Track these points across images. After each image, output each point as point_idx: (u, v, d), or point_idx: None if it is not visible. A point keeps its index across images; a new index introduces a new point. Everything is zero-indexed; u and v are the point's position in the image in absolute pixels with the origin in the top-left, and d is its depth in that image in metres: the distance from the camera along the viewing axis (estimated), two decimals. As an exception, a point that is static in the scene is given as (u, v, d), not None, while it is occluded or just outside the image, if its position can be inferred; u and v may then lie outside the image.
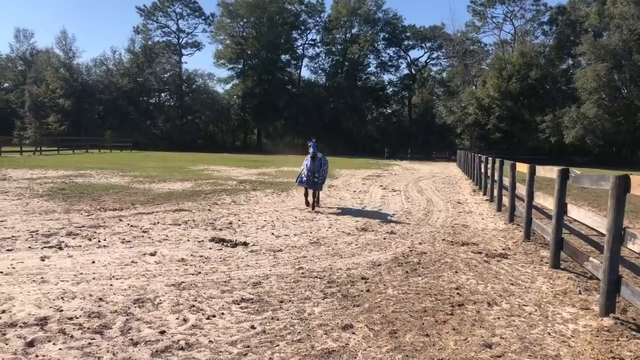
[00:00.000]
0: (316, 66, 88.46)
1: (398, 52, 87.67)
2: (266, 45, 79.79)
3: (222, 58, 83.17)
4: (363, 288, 6.82)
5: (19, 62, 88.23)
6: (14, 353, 4.49)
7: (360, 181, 24.76)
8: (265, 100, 77.98)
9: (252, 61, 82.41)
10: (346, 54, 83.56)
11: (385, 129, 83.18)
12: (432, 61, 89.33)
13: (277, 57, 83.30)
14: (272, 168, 31.86)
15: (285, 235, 10.42)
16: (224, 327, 5.31)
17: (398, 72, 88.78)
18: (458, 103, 74.19)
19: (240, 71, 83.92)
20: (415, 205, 16.04)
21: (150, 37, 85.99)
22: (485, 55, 79.47)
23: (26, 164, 29.32)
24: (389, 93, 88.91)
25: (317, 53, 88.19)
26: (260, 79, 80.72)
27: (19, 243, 8.88)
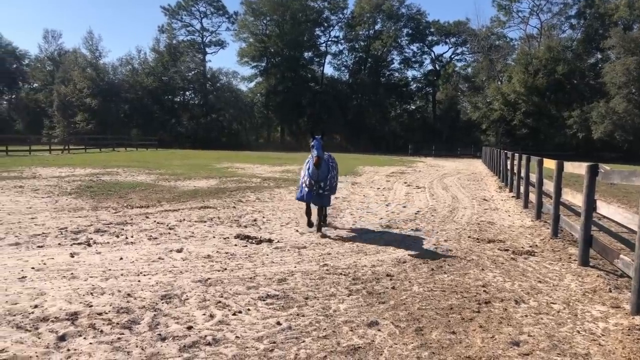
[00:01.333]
0: (339, 63, 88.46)
1: (422, 47, 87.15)
2: (289, 43, 79.95)
3: (245, 56, 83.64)
4: (388, 285, 6.80)
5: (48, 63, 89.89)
6: (46, 347, 4.59)
7: (384, 178, 24.67)
8: (288, 98, 78.21)
9: (275, 59, 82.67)
10: (369, 51, 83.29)
11: (409, 125, 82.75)
12: (457, 57, 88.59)
13: (300, 55, 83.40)
14: (295, 165, 31.93)
15: (309, 232, 10.43)
16: (250, 323, 5.34)
17: (422, 68, 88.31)
18: (483, 99, 73.40)
19: (263, 69, 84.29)
20: (440, 202, 15.92)
21: (175, 36, 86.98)
22: (511, 50, 78.46)
23: (55, 163, 29.89)
24: (413, 89, 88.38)
25: (340, 50, 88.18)
26: (283, 77, 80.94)
27: (49, 240, 9.07)
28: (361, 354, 4.64)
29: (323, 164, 9.90)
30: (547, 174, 12.82)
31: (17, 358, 4.34)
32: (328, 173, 10.11)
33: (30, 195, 14.92)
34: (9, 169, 24.20)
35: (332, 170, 10.41)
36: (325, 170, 10.02)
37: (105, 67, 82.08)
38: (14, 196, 14.56)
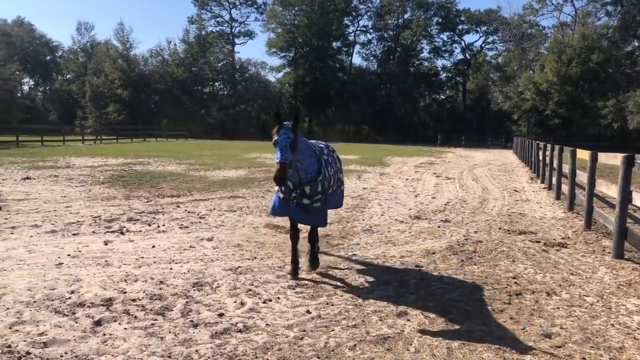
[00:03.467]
0: (368, 53, 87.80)
1: (452, 36, 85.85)
2: (317, 32, 79.66)
3: (274, 47, 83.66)
4: (417, 276, 6.79)
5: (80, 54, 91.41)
6: (83, 331, 4.73)
7: (413, 169, 24.51)
8: (316, 88, 78.07)
9: (304, 49, 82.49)
10: (398, 40, 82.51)
11: (439, 115, 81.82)
12: (488, 46, 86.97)
13: (328, 45, 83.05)
14: (324, 156, 31.88)
15: (337, 222, 10.45)
16: (280, 311, 5.40)
17: (452, 57, 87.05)
18: (515, 88, 71.98)
19: (291, 59, 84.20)
20: (470, 193, 15.76)
21: (204, 27, 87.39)
22: (544, 39, 76.71)
23: (88, 152, 30.51)
24: (443, 79, 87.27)
25: (368, 39, 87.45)
26: (311, 67, 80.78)
27: (83, 228, 9.29)
28: (390, 344, 4.65)
29: (307, 162, 6.30)
30: (580, 165, 12.57)
31: (56, 341, 4.48)
32: (318, 173, 6.44)
33: (64, 184, 15.28)
34: (44, 158, 24.81)
35: (327, 168, 6.69)
36: (312, 168, 6.37)
37: (136, 58, 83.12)
38: (49, 185, 14.93)
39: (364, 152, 37.41)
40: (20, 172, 18.23)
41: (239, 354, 4.36)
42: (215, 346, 4.49)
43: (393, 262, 7.48)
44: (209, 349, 4.42)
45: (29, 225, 9.36)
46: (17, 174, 17.42)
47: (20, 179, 16.24)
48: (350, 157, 30.84)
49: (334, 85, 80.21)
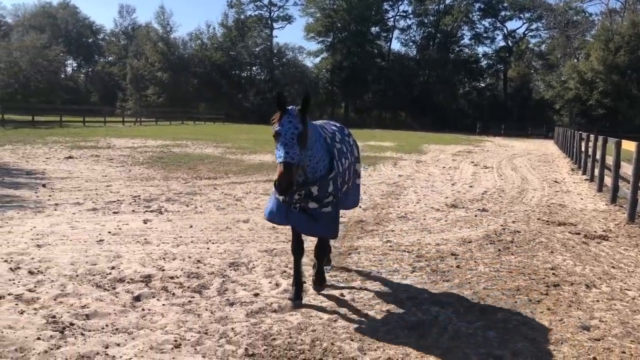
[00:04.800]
0: (407, 38, 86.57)
1: (494, 23, 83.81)
2: (356, 17, 78.91)
3: (312, 31, 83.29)
4: (453, 264, 6.73)
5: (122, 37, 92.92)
6: (123, 305, 4.87)
7: (450, 157, 24.20)
8: (353, 74, 77.50)
9: (342, 34, 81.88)
10: (439, 26, 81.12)
11: (478, 103, 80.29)
12: (531, 33, 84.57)
13: (366, 30, 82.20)
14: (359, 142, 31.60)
15: (372, 208, 10.42)
16: (314, 293, 5.44)
17: (493, 44, 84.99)
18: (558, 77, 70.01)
19: (329, 44, 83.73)
20: (508, 183, 15.48)
21: (243, 10, 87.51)
22: (590, 26, 74.22)
23: (128, 134, 31.13)
24: (483, 66, 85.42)
25: (408, 25, 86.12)
26: (349, 52, 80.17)
27: (123, 206, 9.52)
28: (424, 330, 4.64)
29: (316, 156, 4.80)
30: (624, 157, 12.20)
31: (98, 314, 4.62)
32: (330, 170, 4.93)
33: (105, 164, 15.66)
34: (86, 139, 25.44)
35: (340, 160, 5.18)
36: (321, 164, 4.87)
37: (176, 41, 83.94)
38: (90, 165, 15.32)
39: (400, 139, 37.12)
40: (63, 151, 18.75)
41: (273, 333, 4.42)
42: (250, 325, 4.56)
43: (428, 249, 7.43)
44: (244, 327, 4.49)
45: (72, 202, 9.64)
46: (61, 153, 17.93)
47: (63, 158, 16.72)
48: (386, 144, 30.66)
49: (372, 71, 79.48)
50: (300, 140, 4.37)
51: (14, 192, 10.40)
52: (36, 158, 16.46)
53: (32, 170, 13.64)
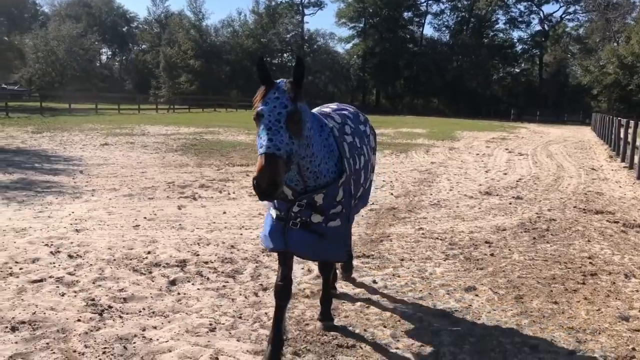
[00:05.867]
0: (440, 23, 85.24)
1: (530, 6, 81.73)
2: (388, 2, 78.01)
3: (343, 17, 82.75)
4: (487, 252, 6.65)
5: (155, 25, 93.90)
6: (159, 289, 4.96)
7: (484, 144, 23.84)
8: (385, 60, 76.80)
9: (374, 19, 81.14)
10: (472, 10, 79.63)
11: (513, 89, 78.69)
12: (568, 16, 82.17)
13: (399, 15, 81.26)
14: (390, 129, 31.60)
15: (404, 195, 10.36)
16: (344, 280, 5.45)
17: (529, 28, 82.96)
18: (596, 62, 68.01)
19: (361, 30, 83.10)
20: (544, 170, 15.18)
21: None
22: (631, 9, 71.72)
23: (161, 121, 31.57)
24: (518, 51, 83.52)
25: (441, 9, 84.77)
26: (381, 38, 79.44)
27: (158, 192, 9.68)
28: (458, 317, 4.61)
29: (318, 155, 3.58)
30: (667, 143, 11.83)
31: (135, 297, 4.73)
32: (340, 173, 3.77)
33: (140, 151, 15.93)
34: (121, 126, 25.90)
35: (353, 157, 4.00)
36: (325, 166, 3.67)
37: (208, 29, 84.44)
38: (126, 151, 15.60)
39: (432, 126, 36.73)
40: (99, 138, 19.14)
41: (306, 319, 4.45)
42: (283, 310, 4.59)
43: (461, 237, 7.36)
44: (277, 313, 4.53)
45: (108, 188, 9.85)
46: (96, 140, 18.31)
47: (99, 144, 17.08)
48: (418, 131, 30.39)
49: (404, 56, 78.67)
50: (291, 124, 3.14)
51: (52, 178, 10.68)
52: (73, 145, 16.84)
53: (70, 157, 13.97)
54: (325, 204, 3.69)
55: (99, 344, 3.86)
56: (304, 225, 3.69)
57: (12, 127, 22.72)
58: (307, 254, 3.93)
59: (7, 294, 4.69)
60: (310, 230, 3.70)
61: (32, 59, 65.56)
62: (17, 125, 24.27)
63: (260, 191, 2.98)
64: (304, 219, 3.69)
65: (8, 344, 3.81)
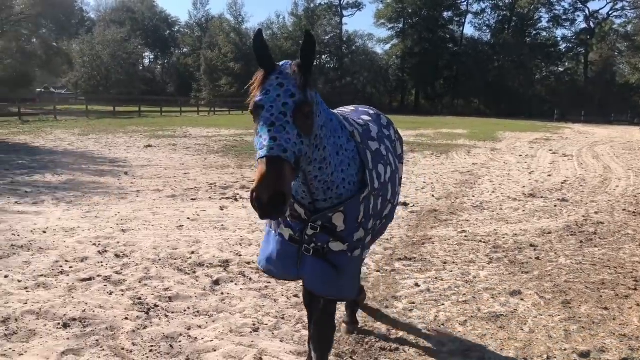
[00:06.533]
0: (480, 22, 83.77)
1: (575, 4, 79.49)
2: (428, 2, 77.30)
3: (382, 18, 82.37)
4: (532, 255, 6.50)
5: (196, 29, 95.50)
6: (203, 289, 5.04)
7: (527, 145, 23.33)
8: (424, 60, 76.12)
9: (413, 19, 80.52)
10: (514, 9, 78.03)
11: (556, 89, 76.71)
12: (616, 13, 79.48)
13: (438, 15, 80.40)
14: (430, 130, 31.27)
15: (445, 197, 10.24)
16: (387, 282, 5.41)
17: (573, 26, 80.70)
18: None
19: (400, 30, 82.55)
20: (590, 172, 14.75)
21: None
22: (682, 4, 69.11)
23: (202, 123, 32.06)
24: (562, 50, 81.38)
25: (482, 8, 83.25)
26: (420, 38, 78.76)
27: (200, 193, 9.83)
28: (503, 322, 4.52)
29: (333, 161, 2.84)
30: None
31: (180, 297, 4.81)
32: (362, 185, 3.02)
33: (182, 152, 16.21)
34: (163, 128, 26.43)
35: (377, 167, 3.21)
36: (341, 176, 2.90)
37: (248, 32, 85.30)
38: (168, 153, 15.91)
39: (473, 127, 36.16)
40: (142, 140, 19.57)
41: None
42: (325, 312, 4.60)
43: (505, 240, 7.21)
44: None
45: (152, 189, 10.06)
46: (140, 142, 18.72)
47: (143, 146, 17.46)
48: (459, 132, 29.98)
49: (444, 56, 77.83)
50: (300, 117, 2.50)
51: (99, 179, 10.98)
52: (118, 147, 17.28)
53: (115, 159, 14.33)
54: (347, 228, 2.93)
55: (146, 342, 3.95)
56: (319, 254, 2.96)
57: (60, 130, 23.47)
58: (321, 290, 3.06)
59: (59, 291, 4.85)
60: (323, 260, 2.96)
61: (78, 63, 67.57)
62: (64, 127, 25.06)
63: (262, 207, 2.29)
64: (319, 245, 2.95)
65: (60, 340, 3.93)
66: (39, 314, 4.35)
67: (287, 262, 3.07)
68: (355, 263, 3.11)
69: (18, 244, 6.20)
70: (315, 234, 2.93)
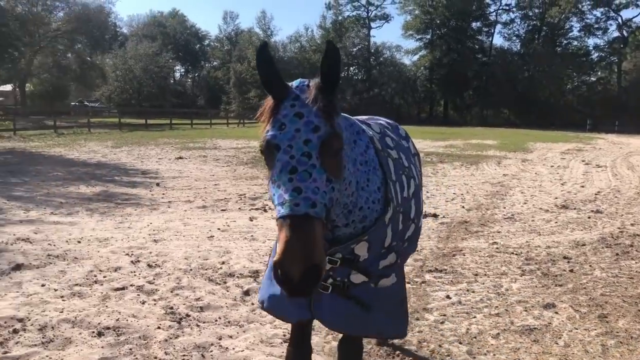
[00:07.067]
0: (510, 32, 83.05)
1: (607, 12, 78.13)
2: (456, 13, 77.04)
3: (410, 29, 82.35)
4: (566, 268, 6.37)
5: (226, 42, 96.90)
6: (234, 299, 5.08)
7: (559, 155, 22.94)
8: (453, 71, 75.68)
9: (441, 30, 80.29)
10: (544, 18, 77.15)
11: (588, 98, 75.34)
12: (649, 21, 78.12)
13: (467, 25, 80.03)
14: (459, 140, 31.01)
15: (476, 209, 10.12)
16: (418, 294, 5.37)
17: (606, 35, 79.21)
18: (681, 68, 64.13)
19: (428, 41, 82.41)
20: (625, 183, 14.41)
21: (341, 12, 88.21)
22: None
23: (232, 135, 32.41)
24: (594, 59, 79.98)
25: (511, 19, 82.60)
26: (448, 49, 78.45)
27: (230, 204, 9.93)
28: (537, 335, 4.44)
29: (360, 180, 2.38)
30: None
31: (211, 307, 4.85)
32: (386, 205, 2.50)
33: (212, 164, 16.41)
34: (193, 140, 26.80)
35: (399, 181, 2.71)
36: (366, 198, 2.40)
37: (276, 45, 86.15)
38: (199, 165, 16.11)
39: (503, 137, 35.74)
40: (173, 152, 19.88)
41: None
42: (355, 323, 4.58)
43: (538, 252, 7.09)
44: (349, 326, 4.52)
45: (183, 200, 10.20)
46: (171, 154, 19.02)
47: (174, 158, 17.73)
48: (489, 142, 29.66)
49: (472, 67, 77.27)
50: (328, 157, 2.02)
51: (131, 191, 11.18)
52: (149, 159, 17.58)
53: (147, 170, 14.58)
54: (371, 257, 2.47)
55: (178, 352, 3.99)
56: (339, 290, 2.50)
57: (93, 142, 24.01)
58: (348, 329, 2.64)
59: (93, 300, 4.94)
60: (347, 297, 2.51)
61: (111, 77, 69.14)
62: (98, 140, 25.62)
63: (293, 284, 1.80)
64: (339, 280, 2.49)
65: (95, 348, 4.00)
66: (74, 322, 4.44)
67: (298, 302, 2.55)
68: (389, 295, 2.58)
69: (54, 254, 6.35)
70: (333, 268, 2.45)
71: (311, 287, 1.83)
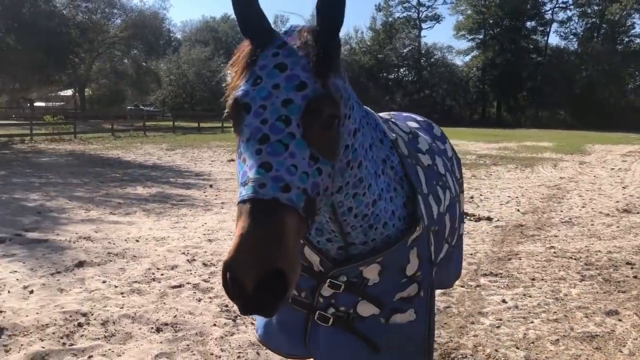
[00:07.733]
0: (567, 31, 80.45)
1: (671, 8, 74.82)
2: (510, 12, 75.30)
3: (462, 29, 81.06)
4: (629, 274, 6.12)
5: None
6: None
7: (619, 158, 22.05)
8: (506, 71, 73.96)
9: (494, 30, 78.67)
10: (604, 15, 74.38)
11: (651, 99, 72.23)
12: None
13: (521, 25, 78.07)
14: (513, 142, 30.27)
15: (531, 212, 9.85)
16: (473, 298, 5.27)
17: (671, 31, 75.85)
18: None
19: (480, 42, 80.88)
20: (691, 185, 13.73)
21: (391, 13, 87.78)
22: None
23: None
24: (658, 56, 76.65)
25: (568, 17, 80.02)
26: (502, 49, 76.71)
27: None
28: (599, 343, 4.28)
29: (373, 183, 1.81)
30: None
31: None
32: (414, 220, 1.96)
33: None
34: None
35: (431, 192, 2.20)
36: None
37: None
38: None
39: (559, 139, 34.65)
40: (225, 154, 20.23)
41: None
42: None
43: (598, 257, 6.84)
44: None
45: (235, 201, 10.34)
46: (223, 157, 19.36)
47: (225, 160, 18.05)
48: (544, 144, 28.84)
49: (527, 67, 75.31)
50: (315, 125, 1.48)
51: (185, 192, 11.45)
52: (202, 161, 17.96)
53: (200, 172, 14.90)
54: (387, 285, 1.96)
55: (234, 349, 4.06)
56: (342, 323, 2.00)
57: (149, 145, 24.74)
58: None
59: (152, 297, 5.09)
60: (352, 333, 1.99)
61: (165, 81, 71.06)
62: (153, 143, 26.37)
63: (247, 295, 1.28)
64: (342, 310, 2.00)
65: (154, 343, 4.12)
66: (134, 318, 4.58)
67: (291, 334, 2.12)
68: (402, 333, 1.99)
69: (114, 252, 6.57)
70: (335, 295, 1.97)
71: (272, 302, 1.30)
